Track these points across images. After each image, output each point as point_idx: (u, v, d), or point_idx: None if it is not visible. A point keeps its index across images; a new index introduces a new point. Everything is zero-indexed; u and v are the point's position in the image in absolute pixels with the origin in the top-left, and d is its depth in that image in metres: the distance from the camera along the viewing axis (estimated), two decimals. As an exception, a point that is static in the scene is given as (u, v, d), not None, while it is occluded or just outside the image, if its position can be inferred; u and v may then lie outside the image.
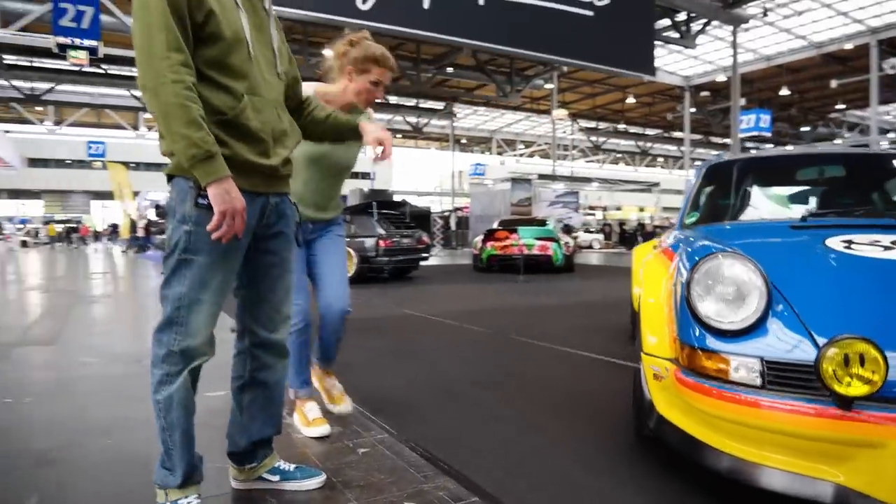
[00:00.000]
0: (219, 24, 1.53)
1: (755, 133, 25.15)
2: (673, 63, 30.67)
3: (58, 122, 40.82)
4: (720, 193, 3.41)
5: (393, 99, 34.49)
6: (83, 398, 3.08)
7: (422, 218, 27.20)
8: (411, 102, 35.50)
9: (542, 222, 12.89)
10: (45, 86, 29.48)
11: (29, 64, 25.97)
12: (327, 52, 2.55)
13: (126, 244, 26.13)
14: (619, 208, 44.71)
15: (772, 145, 38.90)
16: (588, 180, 30.67)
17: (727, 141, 44.98)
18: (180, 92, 1.43)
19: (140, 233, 24.47)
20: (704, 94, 33.90)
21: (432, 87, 28.52)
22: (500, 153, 52.70)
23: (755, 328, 1.83)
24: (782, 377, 1.71)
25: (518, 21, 11.48)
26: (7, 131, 27.81)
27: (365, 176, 44.03)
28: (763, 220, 2.96)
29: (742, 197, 3.27)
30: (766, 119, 24.78)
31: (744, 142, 32.42)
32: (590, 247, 27.07)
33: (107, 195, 35.96)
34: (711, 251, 2.07)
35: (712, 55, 29.47)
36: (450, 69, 24.84)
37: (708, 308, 1.91)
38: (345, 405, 2.62)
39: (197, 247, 1.56)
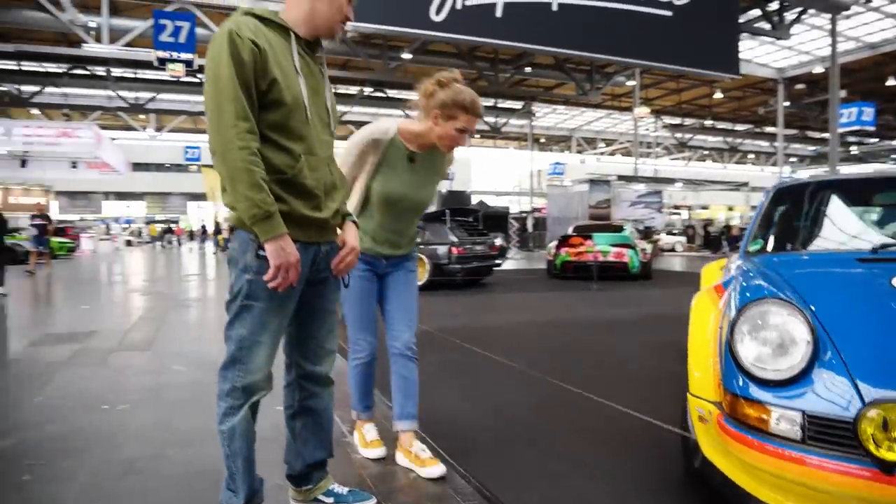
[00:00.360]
0: (281, 91, 1.68)
1: (857, 127, 23.56)
2: (764, 55, 29.13)
3: (158, 129, 43.69)
4: (787, 219, 3.30)
5: (471, 99, 34.64)
6: (170, 408, 3.37)
7: (498, 219, 27.19)
8: (489, 102, 35.53)
9: (619, 228, 12.61)
10: (147, 95, 31.66)
11: (133, 76, 27.99)
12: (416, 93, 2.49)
13: (216, 245, 27.65)
14: (705, 207, 42.79)
15: (876, 140, 36.25)
16: (671, 181, 29.62)
17: (826, 136, 42.30)
18: (246, 157, 1.60)
19: (225, 234, 25.83)
20: (800, 86, 32.00)
21: (510, 86, 28.43)
22: (579, 152, 51.78)
23: (799, 379, 1.80)
24: (824, 433, 1.69)
25: (593, 24, 11.27)
26: (114, 139, 30.06)
27: (444, 176, 44.43)
28: (829, 251, 2.85)
29: (810, 223, 3.16)
30: (869, 112, 23.14)
31: (843, 136, 30.42)
32: (672, 249, 26.17)
33: (202, 196, 38.22)
34: (760, 295, 2.05)
35: (808, 45, 27.77)
36: (528, 69, 24.66)
37: (751, 355, 1.89)
38: (437, 467, 2.42)
39: (257, 294, 1.72)
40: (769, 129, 39.66)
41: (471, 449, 2.79)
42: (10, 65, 26.11)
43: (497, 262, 11.05)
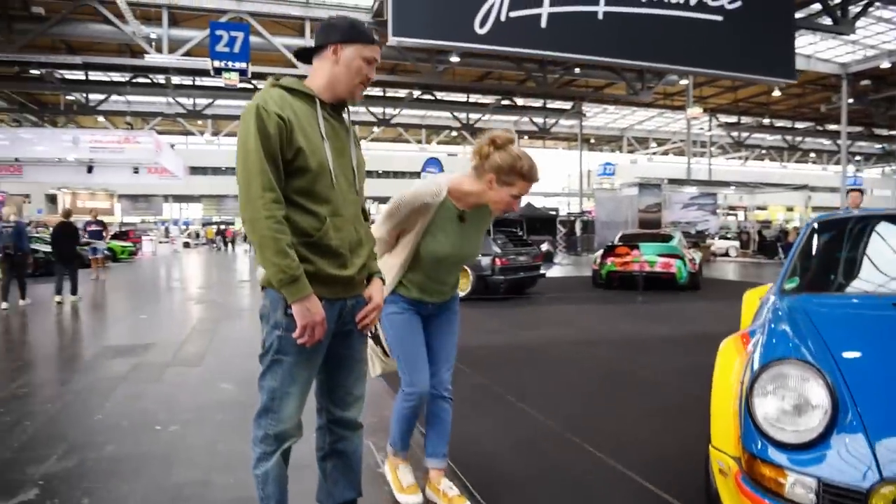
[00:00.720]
0: (306, 159, 1.80)
1: (926, 125, 22.34)
2: (827, 50, 28.04)
3: (215, 134, 45.27)
4: (826, 255, 3.24)
5: (520, 101, 34.54)
6: (217, 429, 3.57)
7: (545, 222, 26.96)
8: (538, 103, 35.33)
9: (667, 237, 12.36)
10: (204, 101, 32.84)
11: (192, 83, 29.08)
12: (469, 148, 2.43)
13: None
14: (763, 208, 41.25)
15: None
16: (724, 184, 28.73)
17: (893, 133, 40.28)
18: (272, 226, 1.72)
19: None
20: (865, 82, 30.61)
21: (559, 87, 28.20)
22: (630, 151, 50.90)
23: (816, 444, 1.81)
24: (837, 502, 1.69)
25: (640, 32, 11.05)
26: (173, 145, 31.28)
27: (492, 178, 44.31)
28: (868, 293, 2.79)
29: (850, 261, 3.10)
30: (939, 109, 21.93)
31: (913, 135, 28.92)
32: (725, 254, 25.43)
33: (256, 199, 39.30)
34: (781, 355, 2.05)
35: (874, 39, 26.59)
36: (577, 69, 24.39)
37: (769, 416, 1.90)
38: None
39: (286, 349, 1.84)
40: (832, 127, 38.06)
41: (498, 484, 2.85)
42: (79, 75, 27.52)
43: (541, 273, 11.01)
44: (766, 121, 38.70)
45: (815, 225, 3.38)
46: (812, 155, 52.79)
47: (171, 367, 5.22)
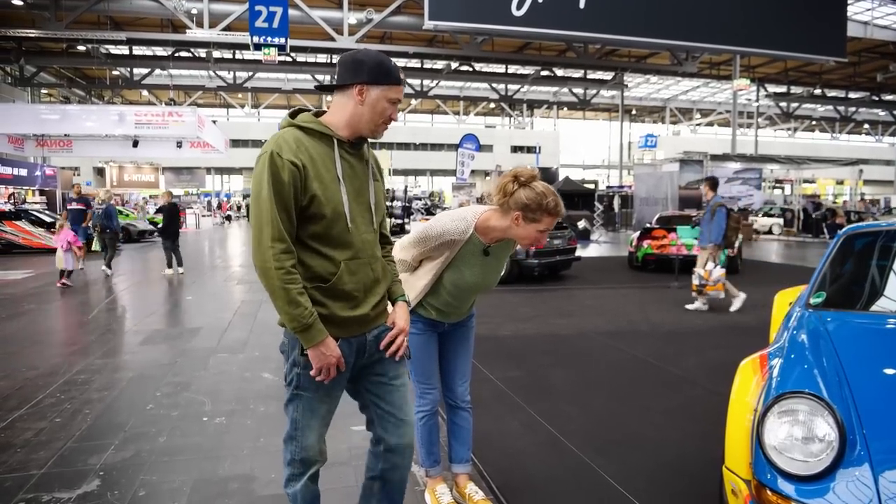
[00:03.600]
0: (321, 206, 1.81)
1: None
2: (883, 16, 26.67)
3: (255, 106, 45.81)
4: (855, 269, 3.23)
5: (559, 71, 33.95)
6: (260, 422, 3.80)
7: (584, 197, 26.67)
8: (578, 74, 34.66)
9: (705, 220, 12.14)
10: (244, 75, 33.26)
11: (231, 57, 29.42)
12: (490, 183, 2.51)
13: None
14: (811, 181, 39.84)
15: None
16: (770, 159, 27.84)
17: (954, 104, 38.26)
18: (282, 277, 1.75)
19: None
20: (925, 50, 29.11)
21: (599, 57, 27.59)
22: (674, 123, 49.63)
23: (823, 477, 1.89)
24: (839, 537, 1.78)
25: (682, 12, 10.69)
26: (214, 120, 31.81)
27: (531, 150, 44.02)
28: (894, 312, 2.80)
29: (879, 276, 3.09)
30: None
31: (974, 106, 27.52)
32: (769, 231, 24.77)
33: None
34: (794, 388, 2.11)
35: (937, 6, 25.14)
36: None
37: (777, 447, 1.98)
38: None
39: (305, 385, 1.92)
40: (888, 97, 36.39)
41: (523, 486, 3.00)
42: (123, 50, 28.15)
43: (577, 256, 10.99)
44: (818, 91, 37.18)
45: (846, 236, 3.37)
46: (866, 126, 50.60)
47: (216, 353, 5.49)
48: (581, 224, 21.12)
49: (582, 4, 9.92)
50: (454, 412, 2.76)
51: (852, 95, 38.98)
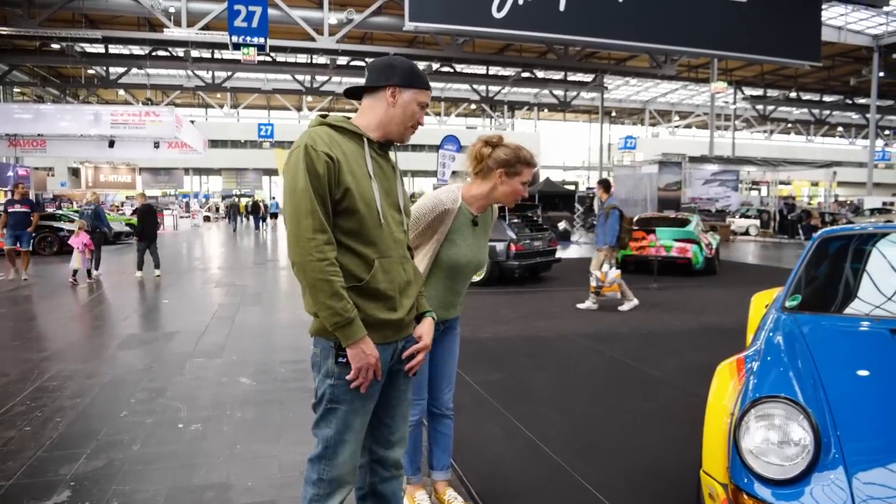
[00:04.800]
0: (354, 200, 1.77)
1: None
2: (857, 21, 27.22)
3: (234, 106, 45.41)
4: (830, 272, 3.27)
5: (540, 73, 34.13)
6: (236, 429, 3.74)
7: (564, 199, 26.82)
8: (559, 76, 34.88)
9: (684, 222, 12.27)
10: (223, 74, 32.94)
11: (210, 56, 29.11)
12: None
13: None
14: (786, 183, 40.54)
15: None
16: (747, 161, 28.24)
17: (925, 108, 39.06)
18: (325, 268, 1.70)
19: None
20: (897, 55, 29.75)
21: (580, 59, 27.80)
22: (653, 125, 50.14)
23: (798, 480, 1.90)
24: (814, 540, 1.79)
25: (661, 16, 10.81)
26: (192, 120, 31.48)
27: (511, 151, 44.00)
28: (868, 316, 2.83)
29: (853, 279, 3.13)
30: (972, 83, 21.32)
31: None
32: (746, 233, 25.11)
33: (276, 171, 39.57)
34: (769, 392, 2.13)
35: (908, 12, 25.73)
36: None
37: (753, 452, 2.00)
38: None
39: (340, 398, 1.82)
40: (861, 101, 37.11)
41: (502, 491, 2.99)
42: (99, 49, 27.70)
43: (557, 258, 11.04)
44: (793, 94, 37.84)
45: (820, 239, 3.41)
46: (840, 129, 51.59)
47: (192, 358, 5.41)
48: (561, 225, 21.23)
49: (562, 7, 9.98)
50: (438, 420, 2.74)
51: (827, 99, 39.73)
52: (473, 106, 45.52)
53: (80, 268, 10.29)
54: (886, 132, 50.29)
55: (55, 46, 25.29)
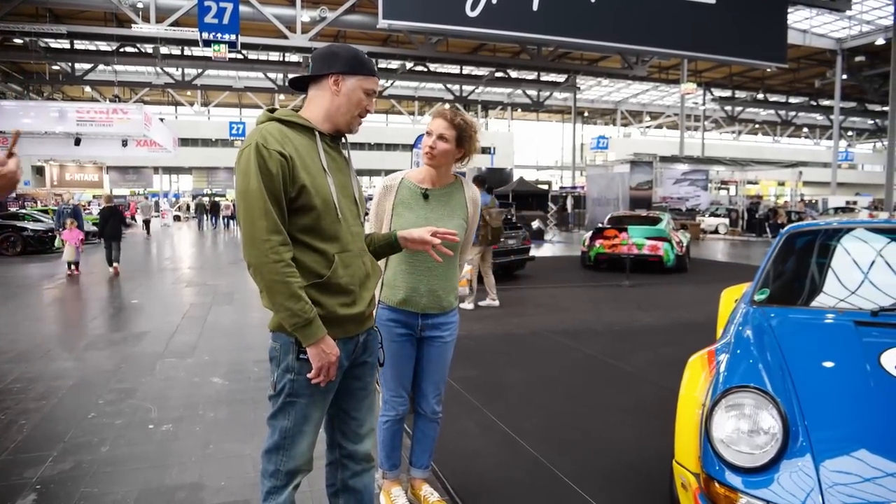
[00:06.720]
0: (310, 196, 1.74)
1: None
2: (822, 25, 27.91)
3: (205, 104, 44.72)
4: (797, 266, 3.35)
5: (513, 73, 34.29)
6: (208, 429, 3.69)
7: (538, 198, 26.98)
8: (532, 76, 35.09)
9: (655, 220, 12.45)
10: (194, 71, 32.40)
11: (180, 53, 28.60)
12: None
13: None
14: (754, 182, 41.38)
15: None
16: (716, 161, 28.76)
17: (886, 108, 40.35)
18: (281, 270, 1.67)
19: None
20: (859, 58, 30.58)
21: (553, 60, 28.02)
22: (625, 125, 50.76)
23: (768, 468, 1.94)
24: (783, 527, 1.82)
25: (633, 17, 10.97)
26: (161, 118, 30.91)
27: (486, 151, 44.27)
28: (833, 308, 2.90)
29: (819, 273, 3.20)
30: (932, 85, 22.02)
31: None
32: (715, 231, 25.57)
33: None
34: (740, 382, 2.17)
35: (869, 14, 26.48)
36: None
37: (724, 441, 2.03)
38: None
39: (299, 392, 1.81)
40: (825, 102, 38.07)
41: (479, 487, 2.99)
42: (64, 44, 27.03)
43: (531, 256, 11.10)
44: (761, 95, 38.69)
45: (788, 234, 3.48)
46: (805, 130, 52.87)
47: (162, 358, 5.31)
48: (535, 224, 21.36)
49: (535, 7, 10.05)
50: (424, 422, 2.72)
51: (792, 100, 40.69)
52: (447, 105, 45.59)
53: (76, 259, 11.21)
54: (849, 133, 51.67)
55: (18, 41, 24.59)
